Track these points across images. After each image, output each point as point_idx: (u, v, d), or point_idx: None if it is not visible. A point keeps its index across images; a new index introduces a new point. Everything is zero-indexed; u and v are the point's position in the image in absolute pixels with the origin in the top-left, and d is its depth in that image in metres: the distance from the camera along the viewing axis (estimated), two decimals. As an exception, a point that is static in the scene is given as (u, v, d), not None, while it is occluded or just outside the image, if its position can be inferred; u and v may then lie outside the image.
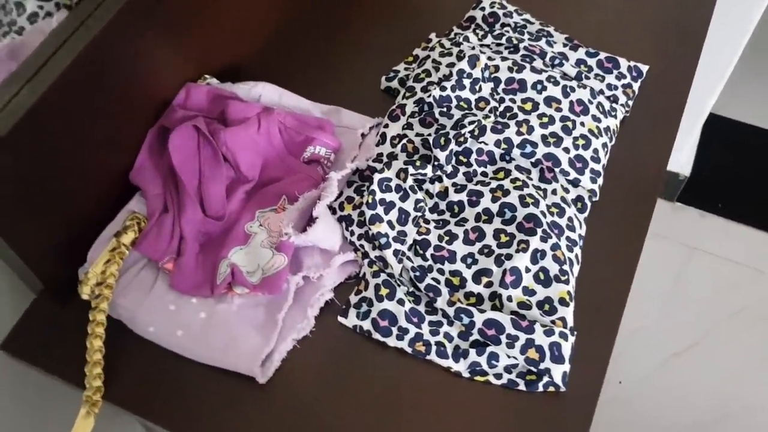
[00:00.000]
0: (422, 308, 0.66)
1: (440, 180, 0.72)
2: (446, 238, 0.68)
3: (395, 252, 0.67)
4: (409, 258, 0.68)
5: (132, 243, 0.67)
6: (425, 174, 0.71)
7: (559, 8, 0.90)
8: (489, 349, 0.63)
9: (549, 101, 0.75)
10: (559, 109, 0.75)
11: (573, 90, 0.76)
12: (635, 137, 0.78)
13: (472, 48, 0.79)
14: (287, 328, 0.65)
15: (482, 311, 0.63)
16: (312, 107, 0.79)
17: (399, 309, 0.65)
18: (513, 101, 0.76)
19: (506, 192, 0.69)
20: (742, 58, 1.35)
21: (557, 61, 0.80)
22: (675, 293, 1.54)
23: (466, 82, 0.75)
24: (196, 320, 0.65)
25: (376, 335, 0.65)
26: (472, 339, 0.64)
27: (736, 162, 1.74)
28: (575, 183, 0.72)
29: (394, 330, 0.64)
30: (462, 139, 0.72)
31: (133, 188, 0.72)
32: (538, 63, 0.80)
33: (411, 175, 0.70)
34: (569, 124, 0.74)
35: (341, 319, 0.66)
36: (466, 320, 0.63)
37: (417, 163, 0.71)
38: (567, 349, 0.62)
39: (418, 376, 0.64)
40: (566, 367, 0.62)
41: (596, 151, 0.74)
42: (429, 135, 0.73)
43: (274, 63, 0.87)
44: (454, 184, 0.72)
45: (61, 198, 0.65)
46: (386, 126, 0.76)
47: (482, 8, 0.87)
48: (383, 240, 0.66)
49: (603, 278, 0.69)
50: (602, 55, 0.82)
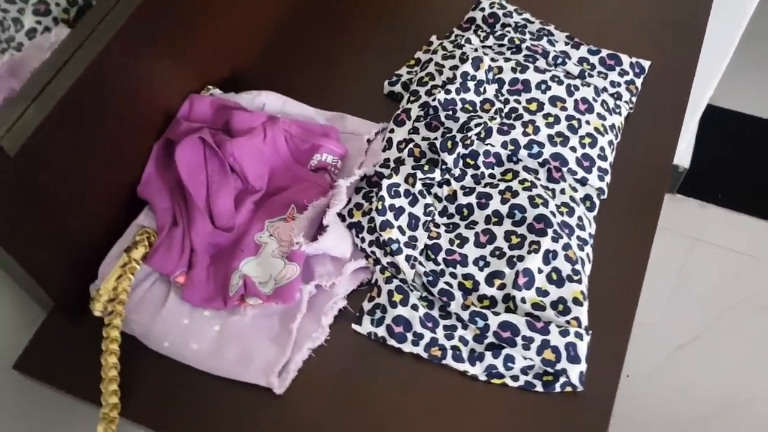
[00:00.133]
0: (436, 313, 0.66)
1: (448, 183, 0.72)
2: (457, 242, 0.68)
3: (407, 257, 0.66)
4: (421, 263, 0.67)
5: (143, 258, 0.67)
6: (433, 178, 0.71)
7: (558, 7, 0.90)
8: (505, 352, 0.63)
9: (554, 101, 0.75)
10: (564, 108, 0.75)
11: (577, 89, 0.76)
12: (640, 133, 0.78)
13: (475, 50, 0.79)
14: (302, 338, 0.65)
15: (496, 314, 0.63)
16: (316, 114, 0.79)
17: (413, 314, 0.65)
18: (518, 102, 0.76)
19: (515, 193, 0.69)
20: (738, 48, 1.35)
21: (560, 60, 0.80)
22: (678, 285, 1.54)
23: (471, 85, 0.75)
24: (211, 333, 0.65)
25: (391, 341, 0.65)
26: (488, 342, 0.64)
27: (735, 152, 1.74)
28: (583, 182, 0.72)
29: (409, 336, 0.64)
30: (468, 142, 0.72)
31: (141, 202, 0.72)
32: (541, 62, 0.80)
33: (419, 180, 0.70)
34: (575, 123, 0.74)
35: (355, 327, 0.66)
36: (481, 323, 0.63)
37: (425, 168, 0.71)
38: (583, 349, 0.62)
39: (434, 381, 0.64)
40: (583, 367, 0.62)
41: (603, 149, 0.74)
42: (435, 139, 0.73)
43: (275, 69, 0.86)
44: (463, 187, 0.72)
45: (70, 215, 0.65)
46: (392, 131, 0.76)
47: (482, 9, 0.87)
48: (395, 246, 0.66)
49: (614, 276, 0.69)
50: (604, 53, 0.82)
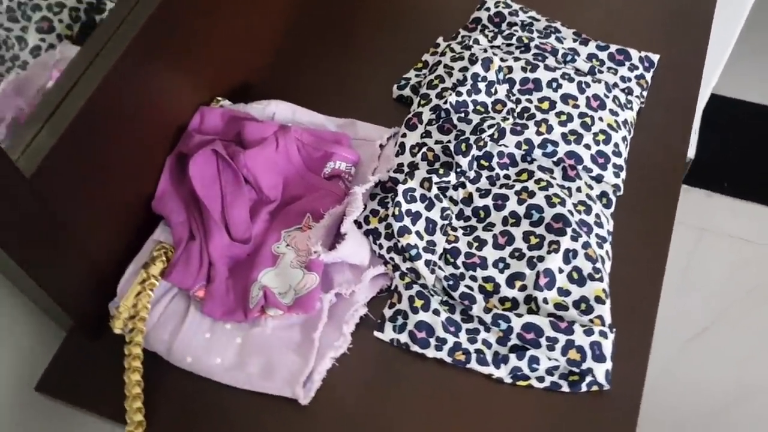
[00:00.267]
0: (458, 317, 0.65)
1: (463, 186, 0.71)
2: (475, 245, 0.68)
3: (427, 262, 0.66)
4: (441, 267, 0.67)
5: (161, 273, 0.66)
6: (448, 181, 0.70)
7: (561, 4, 0.90)
8: (529, 353, 0.63)
9: (566, 98, 0.75)
10: (577, 106, 0.74)
11: (588, 85, 0.75)
12: (652, 128, 0.78)
13: (484, 50, 0.79)
14: (324, 347, 0.64)
15: (519, 315, 0.63)
16: (326, 121, 0.79)
17: (435, 319, 0.64)
18: (530, 101, 0.75)
19: (531, 193, 0.69)
20: (739, 36, 1.35)
21: (569, 57, 0.80)
22: (688, 276, 1.54)
23: (482, 86, 0.75)
24: (233, 346, 0.64)
25: (414, 347, 0.64)
26: (511, 344, 0.64)
27: (739, 140, 1.74)
28: (599, 179, 0.72)
29: (432, 341, 0.64)
30: (482, 144, 0.71)
31: (157, 217, 0.72)
32: (551, 60, 0.79)
33: (435, 184, 0.70)
34: (588, 120, 0.74)
35: (377, 334, 0.66)
36: (504, 326, 0.63)
37: (440, 171, 0.70)
38: (608, 347, 0.62)
39: (458, 385, 0.64)
40: (608, 365, 0.62)
41: (617, 145, 0.73)
42: (449, 142, 0.73)
43: (282, 78, 0.86)
44: (478, 189, 0.71)
45: (86, 233, 0.65)
46: (404, 135, 0.76)
47: (487, 8, 0.87)
48: (414, 251, 0.66)
49: (634, 272, 0.68)
50: (613, 48, 0.82)
